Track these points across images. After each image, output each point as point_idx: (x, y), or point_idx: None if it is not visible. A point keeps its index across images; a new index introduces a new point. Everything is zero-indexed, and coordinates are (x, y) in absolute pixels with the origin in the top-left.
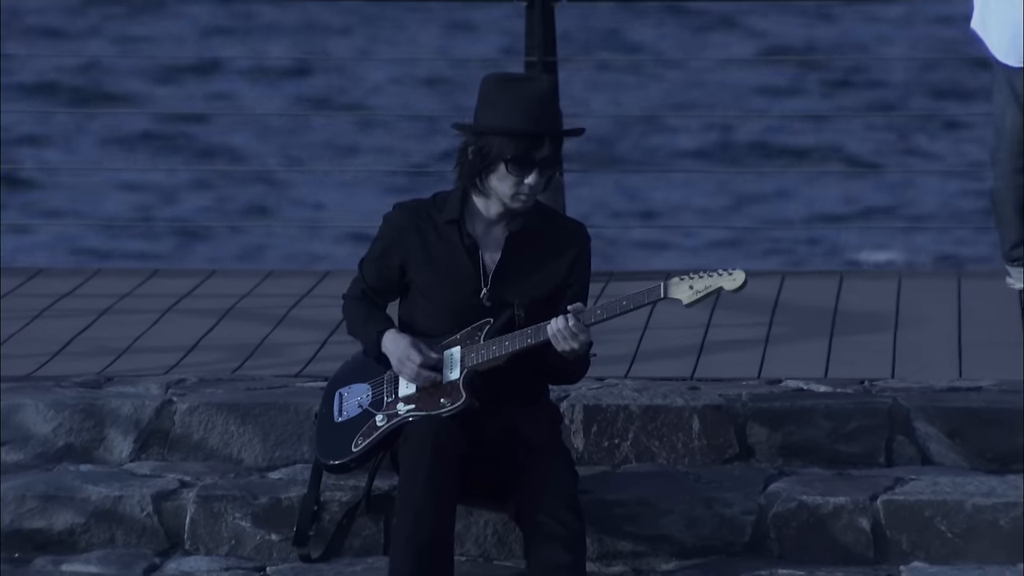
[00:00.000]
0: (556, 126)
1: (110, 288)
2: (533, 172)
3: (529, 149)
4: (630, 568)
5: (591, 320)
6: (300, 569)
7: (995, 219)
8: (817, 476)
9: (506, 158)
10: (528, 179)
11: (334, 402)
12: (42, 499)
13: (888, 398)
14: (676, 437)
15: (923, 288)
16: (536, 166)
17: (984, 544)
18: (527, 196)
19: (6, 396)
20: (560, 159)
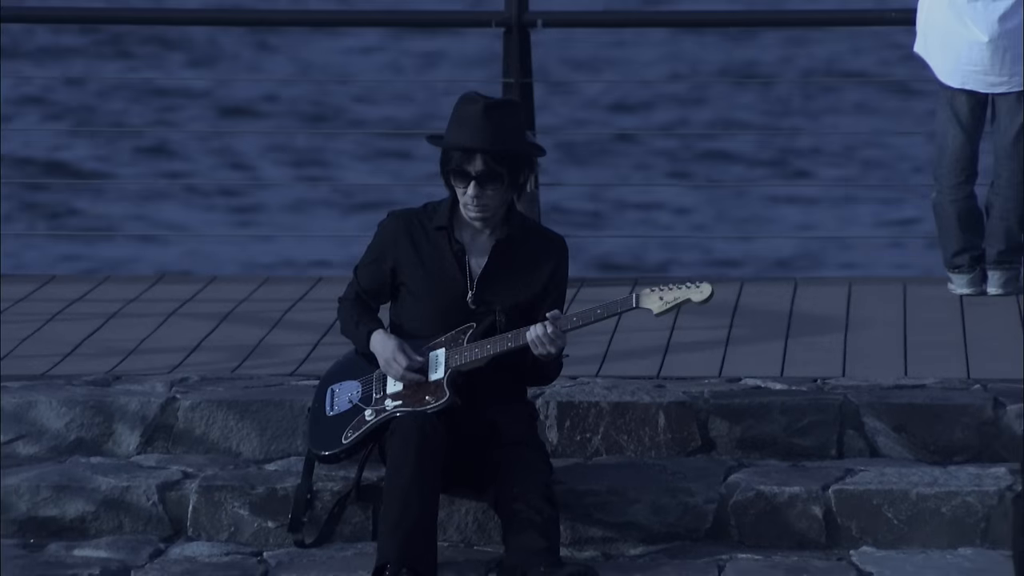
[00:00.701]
0: (489, 145)
1: (117, 293)
2: (471, 184)
3: (462, 163)
4: (600, 553)
5: (567, 327)
6: (295, 554)
7: (937, 230)
8: (773, 467)
9: (449, 169)
10: (469, 190)
11: (326, 397)
12: (55, 489)
13: (839, 395)
14: (643, 431)
15: (871, 294)
16: (472, 179)
17: (928, 530)
18: (474, 207)
19: (22, 393)
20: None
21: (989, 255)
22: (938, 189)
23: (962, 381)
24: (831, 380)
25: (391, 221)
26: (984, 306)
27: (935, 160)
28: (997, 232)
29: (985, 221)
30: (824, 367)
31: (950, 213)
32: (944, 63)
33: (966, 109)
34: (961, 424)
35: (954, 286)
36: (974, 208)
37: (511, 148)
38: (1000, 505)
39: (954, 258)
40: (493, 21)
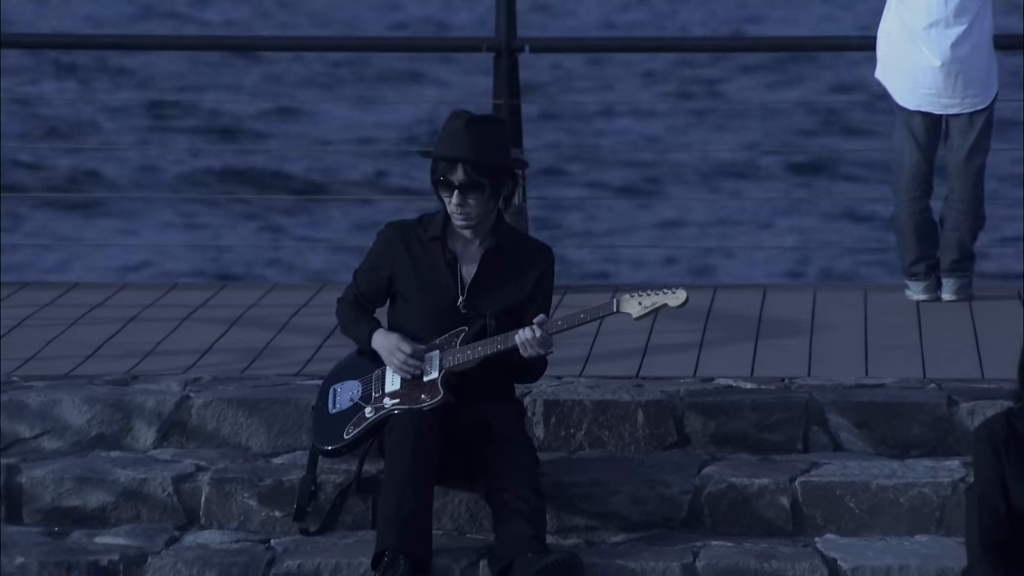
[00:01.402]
0: (468, 155)
1: (135, 300)
2: (454, 193)
3: (445, 173)
4: (583, 540)
5: (553, 330)
6: (300, 541)
7: (896, 240)
8: (744, 461)
9: (435, 180)
10: (453, 199)
11: (328, 396)
12: (78, 481)
13: (805, 393)
14: (623, 428)
15: (834, 299)
16: (455, 188)
17: (887, 519)
18: (460, 215)
19: (47, 392)
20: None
21: (943, 264)
22: (896, 203)
23: (919, 381)
24: (797, 380)
25: (389, 231)
26: (939, 311)
27: (893, 176)
28: (951, 242)
29: (940, 232)
30: (791, 368)
31: (907, 225)
32: (901, 87)
33: (922, 129)
34: (918, 421)
35: (911, 292)
36: (930, 220)
37: (490, 160)
38: (954, 496)
39: (911, 266)
40: (484, 47)
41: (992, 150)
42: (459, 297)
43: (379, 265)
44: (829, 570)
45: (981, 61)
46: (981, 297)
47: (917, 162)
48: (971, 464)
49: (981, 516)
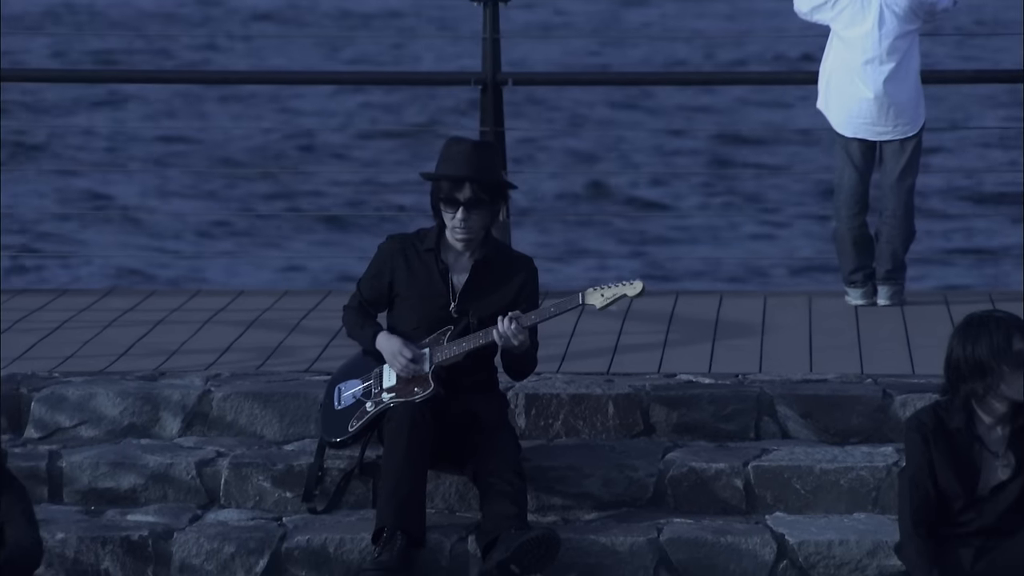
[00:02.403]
0: (475, 175)
1: (163, 304)
2: (459, 209)
3: (452, 191)
4: (561, 518)
5: (527, 323)
6: (308, 519)
7: (837, 252)
8: (703, 447)
9: (440, 198)
10: (457, 215)
11: (334, 394)
12: (112, 465)
13: (756, 388)
14: (596, 418)
15: (783, 304)
16: (460, 205)
17: (829, 499)
18: (460, 229)
19: (84, 386)
20: (492, 203)
21: (879, 273)
22: (837, 219)
23: (857, 376)
24: (750, 375)
25: (389, 243)
26: (875, 315)
27: (834, 196)
28: (885, 254)
29: (875, 245)
30: (744, 364)
31: (847, 239)
32: (840, 116)
33: (858, 154)
34: (856, 412)
35: (850, 298)
36: (866, 234)
37: (492, 179)
38: (888, 478)
39: (850, 275)
40: (472, 80)
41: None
42: (451, 303)
43: (380, 273)
44: (778, 544)
45: (910, 94)
46: (912, 302)
47: (855, 183)
48: (903, 450)
49: (912, 497)
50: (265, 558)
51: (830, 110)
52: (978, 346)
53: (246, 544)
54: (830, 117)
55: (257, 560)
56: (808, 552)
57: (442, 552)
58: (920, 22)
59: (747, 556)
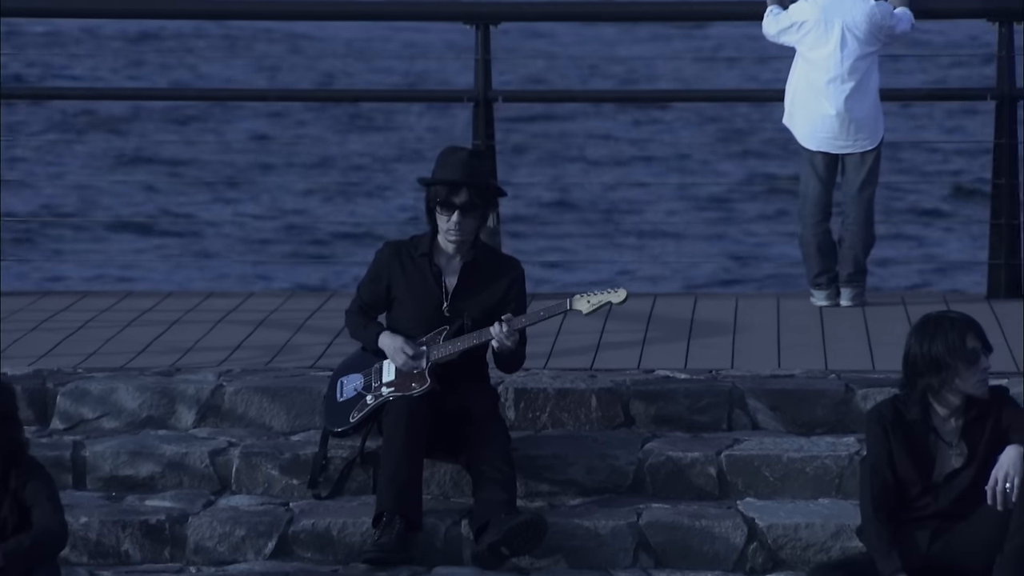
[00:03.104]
0: (471, 180)
1: (178, 305)
2: (455, 212)
3: (449, 195)
4: (547, 503)
5: (518, 326)
6: (313, 504)
7: (803, 257)
8: (679, 438)
9: (437, 201)
10: (452, 218)
11: (336, 387)
12: (131, 454)
13: (729, 382)
14: (580, 411)
15: (753, 305)
16: (457, 208)
17: (795, 485)
18: (454, 232)
19: (106, 381)
20: (484, 208)
21: (841, 276)
22: (802, 226)
23: (822, 372)
24: (723, 371)
25: (386, 249)
26: (838, 315)
27: (799, 204)
28: (847, 259)
29: (838, 250)
30: (717, 361)
31: (811, 244)
32: (805, 131)
33: (822, 166)
34: (821, 404)
35: (815, 299)
36: (830, 241)
37: (488, 184)
38: (850, 466)
39: (815, 278)
40: (464, 97)
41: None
42: (444, 303)
43: (378, 277)
44: (748, 527)
45: (870, 110)
46: (872, 303)
47: (819, 193)
48: (864, 440)
49: (872, 483)
50: (273, 540)
51: (795, 125)
52: (934, 344)
53: (256, 527)
54: (795, 132)
55: (266, 542)
56: (776, 535)
57: (437, 535)
58: (879, 44)
59: (720, 539)
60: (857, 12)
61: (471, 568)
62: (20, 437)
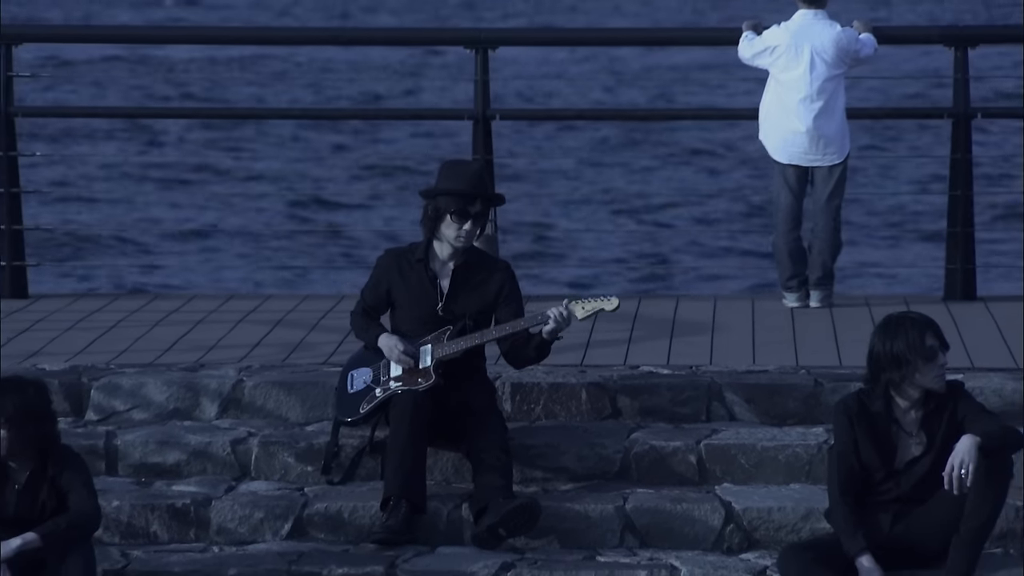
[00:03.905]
0: (484, 191)
1: (202, 307)
2: (469, 221)
3: (465, 205)
4: (541, 488)
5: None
6: (326, 489)
7: (775, 262)
8: (662, 428)
9: (451, 211)
10: (465, 226)
11: (347, 380)
12: (159, 443)
13: (708, 377)
14: (571, 403)
15: (730, 306)
16: (470, 217)
17: (769, 471)
18: (464, 238)
19: (136, 376)
20: (488, 216)
21: (811, 279)
22: (775, 234)
23: (793, 367)
24: (702, 367)
25: (386, 257)
26: (808, 315)
27: (773, 214)
28: (816, 264)
29: (808, 256)
30: (697, 358)
31: (783, 251)
32: (777, 145)
33: (793, 178)
34: (792, 397)
35: (787, 301)
36: (800, 247)
37: (499, 196)
38: (819, 454)
39: (787, 281)
40: (465, 115)
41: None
42: (439, 304)
43: (379, 283)
44: (725, 510)
45: (837, 127)
46: (839, 305)
47: (790, 203)
48: (832, 430)
49: (839, 470)
50: (289, 522)
51: (768, 140)
52: (896, 342)
53: (273, 510)
54: (768, 147)
55: (283, 524)
56: (751, 517)
57: (440, 518)
58: (846, 67)
59: (699, 521)
60: (825, 37)
61: (471, 548)
62: (53, 431)
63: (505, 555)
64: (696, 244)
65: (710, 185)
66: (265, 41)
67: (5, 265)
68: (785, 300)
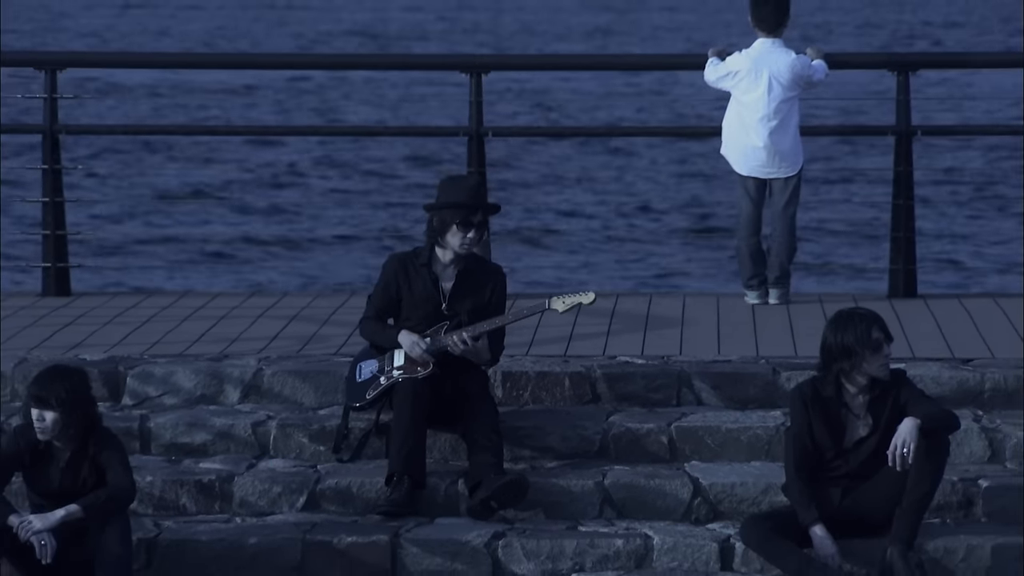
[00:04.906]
0: (484, 203)
1: (225, 304)
2: (472, 230)
3: (468, 216)
4: (529, 466)
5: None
6: (337, 467)
7: (738, 263)
8: (637, 412)
9: (456, 221)
10: (469, 234)
11: (356, 370)
12: (188, 425)
13: (678, 366)
14: (556, 390)
15: (698, 303)
16: (473, 227)
17: (732, 451)
18: (468, 245)
19: (167, 365)
20: (487, 225)
21: (769, 279)
22: (738, 238)
23: (754, 358)
24: (673, 357)
25: (392, 261)
26: (767, 311)
27: (736, 220)
28: (774, 265)
29: (767, 258)
30: (669, 349)
31: (745, 253)
32: (738, 159)
33: (753, 189)
34: (753, 384)
35: (748, 298)
36: (760, 250)
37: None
38: (777, 435)
39: (748, 281)
40: (460, 132)
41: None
42: (441, 304)
43: (388, 286)
44: (694, 485)
45: (791, 143)
46: (795, 302)
47: (751, 211)
48: (789, 414)
49: (795, 449)
50: (304, 496)
51: (730, 155)
52: (846, 335)
53: (289, 485)
54: (731, 160)
55: (298, 497)
56: (716, 491)
57: (438, 492)
58: (799, 90)
59: (670, 495)
60: (782, 64)
61: (466, 519)
62: (94, 412)
63: (496, 525)
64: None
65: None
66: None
67: (50, 266)
68: (747, 298)
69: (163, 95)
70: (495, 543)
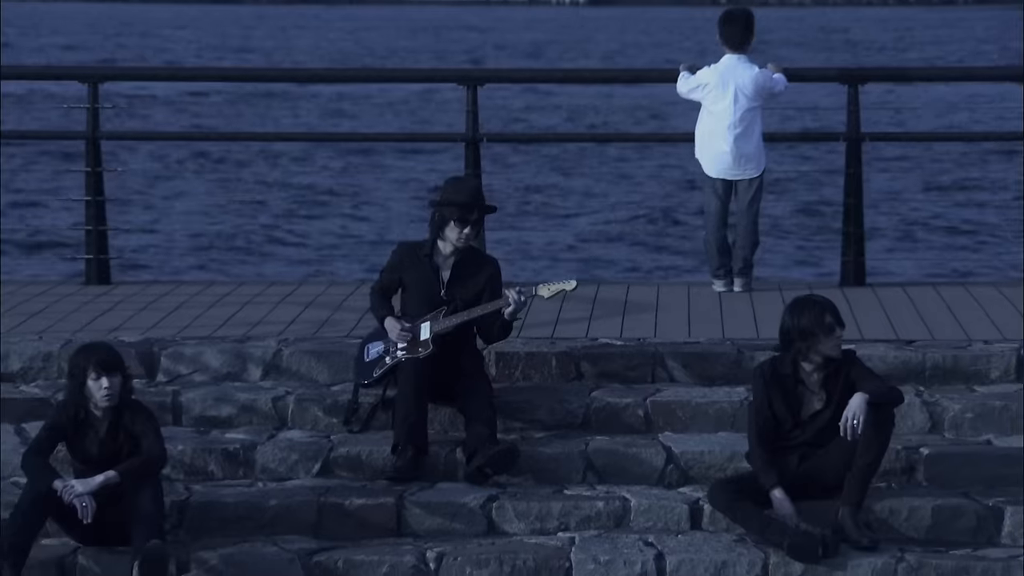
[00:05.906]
0: (481, 203)
1: (249, 291)
2: (468, 226)
3: (465, 214)
4: (520, 436)
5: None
6: (348, 437)
7: (706, 254)
8: (617, 389)
9: (454, 218)
10: (465, 230)
11: (364, 351)
12: (215, 400)
13: (653, 347)
14: (544, 368)
15: (671, 291)
16: (470, 224)
17: (701, 422)
18: (464, 240)
19: (196, 347)
20: (483, 222)
21: (734, 269)
22: (706, 232)
23: (720, 339)
24: (648, 339)
25: (400, 248)
26: (732, 298)
27: (704, 217)
28: (738, 257)
29: (732, 250)
30: (645, 331)
31: (713, 246)
32: (708, 162)
33: (721, 189)
34: (721, 363)
35: (715, 286)
36: (726, 244)
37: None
38: (741, 408)
39: (715, 271)
40: (457, 138)
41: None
42: (440, 290)
43: (394, 269)
44: (667, 453)
45: (755, 148)
46: (757, 289)
47: (718, 208)
48: (751, 389)
49: (756, 421)
50: (319, 463)
51: (702, 158)
52: (802, 319)
53: (306, 454)
54: (702, 163)
55: (313, 464)
56: (687, 459)
57: (439, 460)
58: (762, 100)
59: (646, 462)
60: (746, 77)
61: (464, 484)
62: (130, 386)
63: (491, 489)
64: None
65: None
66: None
67: (92, 258)
68: (714, 286)
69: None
70: (489, 505)
